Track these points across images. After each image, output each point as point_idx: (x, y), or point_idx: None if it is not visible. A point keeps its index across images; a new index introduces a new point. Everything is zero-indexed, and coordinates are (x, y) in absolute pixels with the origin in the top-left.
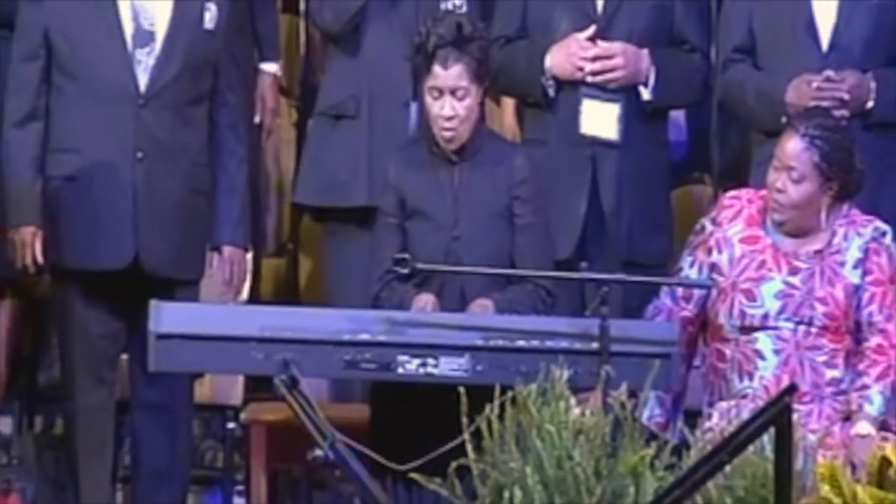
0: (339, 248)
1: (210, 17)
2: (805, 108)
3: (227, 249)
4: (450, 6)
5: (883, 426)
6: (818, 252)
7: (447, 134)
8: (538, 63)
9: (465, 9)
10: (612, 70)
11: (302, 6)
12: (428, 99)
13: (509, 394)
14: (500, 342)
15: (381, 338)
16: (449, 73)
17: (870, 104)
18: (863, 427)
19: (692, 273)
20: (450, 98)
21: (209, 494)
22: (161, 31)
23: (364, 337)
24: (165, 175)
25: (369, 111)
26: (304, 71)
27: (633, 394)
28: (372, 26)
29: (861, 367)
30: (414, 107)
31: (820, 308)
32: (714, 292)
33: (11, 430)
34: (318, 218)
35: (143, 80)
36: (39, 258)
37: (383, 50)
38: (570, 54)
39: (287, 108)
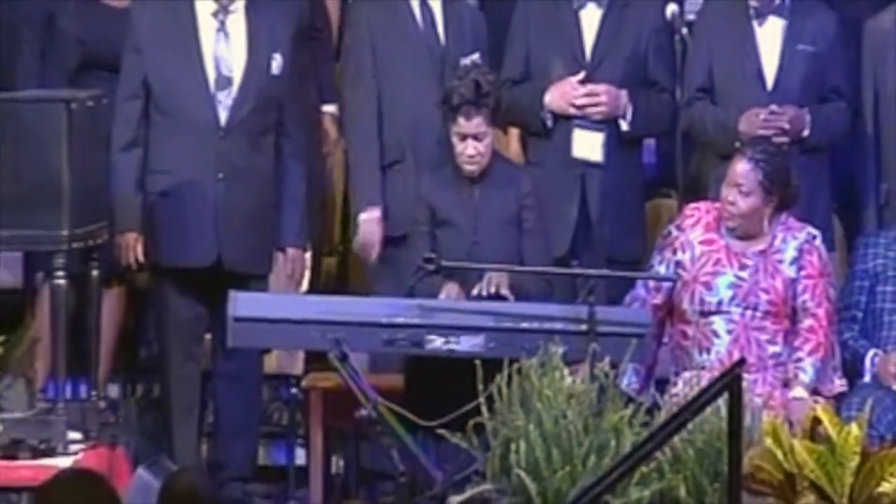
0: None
1: (276, 65)
2: (754, 136)
3: (290, 250)
4: (468, 62)
5: (814, 391)
6: (762, 252)
7: (469, 167)
8: (538, 100)
9: (479, 60)
10: (597, 106)
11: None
12: (454, 139)
13: (515, 366)
14: (509, 324)
15: (414, 321)
16: (470, 123)
17: (805, 133)
18: (798, 392)
19: (661, 269)
20: (472, 141)
21: (276, 447)
22: (237, 77)
23: (400, 320)
24: (241, 191)
25: (413, 154)
26: None
27: (614, 365)
28: (407, 78)
29: (796, 343)
30: None
31: (764, 297)
32: (679, 284)
33: (118, 395)
34: None
35: (223, 116)
36: (140, 257)
37: (418, 99)
38: (564, 93)
39: (339, 138)
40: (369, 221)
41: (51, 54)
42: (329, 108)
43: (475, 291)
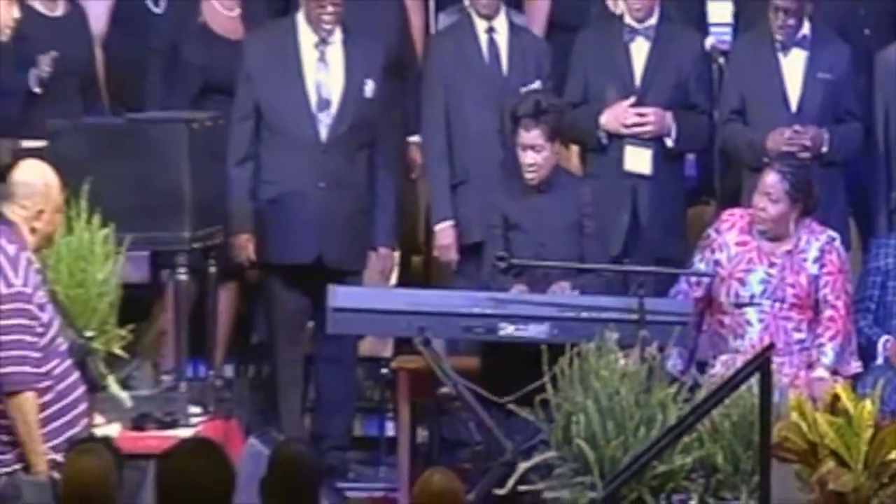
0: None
1: (369, 89)
2: (779, 152)
3: (381, 249)
4: (529, 88)
5: (834, 372)
6: (788, 252)
7: (529, 175)
8: (595, 121)
9: (539, 86)
10: (645, 126)
11: None
12: (518, 150)
13: (576, 350)
14: (570, 314)
15: (488, 311)
16: (529, 135)
17: (824, 149)
18: (820, 373)
19: (701, 266)
20: (531, 151)
21: (368, 420)
22: (336, 99)
23: (476, 310)
24: (338, 199)
25: (478, 175)
26: None
27: (661, 349)
28: (472, 108)
29: (819, 331)
30: None
31: (790, 291)
32: (716, 280)
33: (232, 375)
34: None
35: (323, 134)
36: (252, 256)
37: (482, 126)
38: (617, 115)
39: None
40: (443, 232)
41: (174, 80)
42: (414, 139)
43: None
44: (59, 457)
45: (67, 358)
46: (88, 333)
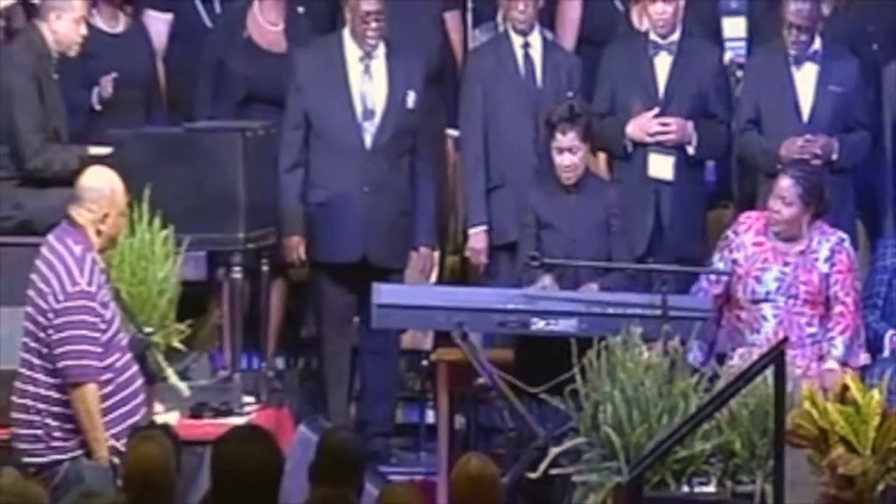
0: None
1: (411, 100)
2: (792, 159)
3: (422, 249)
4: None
5: (844, 364)
6: (801, 252)
7: (566, 175)
8: (621, 130)
9: (572, 95)
10: (668, 135)
11: None
12: (554, 153)
13: (603, 343)
14: (597, 310)
15: (521, 307)
16: (566, 138)
17: (834, 157)
18: (831, 364)
19: (720, 265)
20: (567, 154)
21: (410, 408)
22: (379, 110)
23: (510, 306)
24: (382, 202)
25: (512, 180)
26: None
27: (682, 343)
28: (508, 117)
29: (829, 325)
30: None
31: (803, 288)
32: (734, 278)
33: (283, 366)
34: None
35: (368, 141)
36: (302, 256)
37: (517, 135)
38: (641, 125)
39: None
40: (476, 235)
41: (220, 91)
42: (452, 133)
43: None
44: (119, 444)
45: (128, 352)
46: (149, 329)
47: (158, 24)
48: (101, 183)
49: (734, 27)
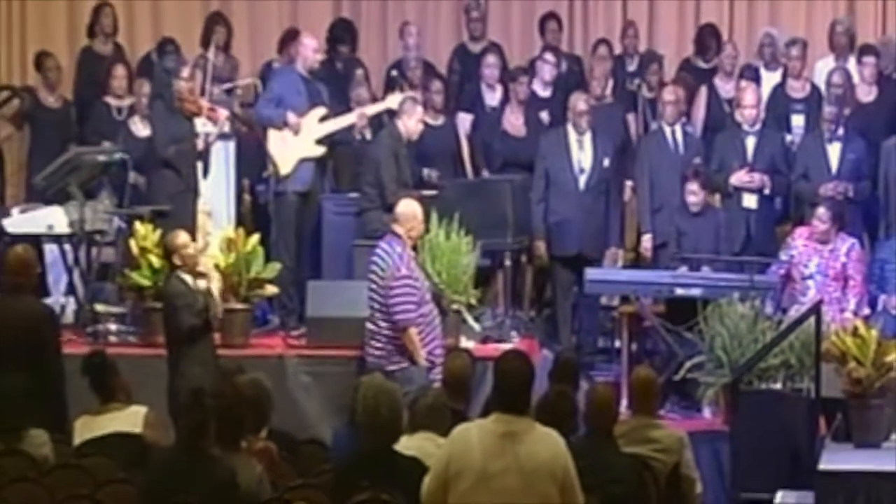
0: None
1: (606, 162)
2: (826, 196)
3: (612, 248)
4: (695, 161)
5: (855, 314)
6: (831, 250)
7: (693, 203)
8: (726, 180)
9: (699, 161)
10: (753, 182)
11: None
12: (687, 195)
13: (717, 302)
14: (713, 283)
15: (669, 281)
16: (693, 185)
17: (850, 195)
18: (848, 315)
19: (783, 257)
20: (691, 196)
21: (605, 338)
22: (587, 167)
23: (664, 280)
24: (589, 220)
25: (666, 206)
26: None
27: (762, 302)
28: (664, 174)
29: (847, 293)
30: None
31: (831, 271)
32: (791, 265)
33: (534, 314)
34: None
35: (581, 185)
36: (543, 252)
37: (669, 182)
38: (738, 177)
39: None
40: (645, 239)
41: (490, 158)
42: (629, 182)
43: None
44: (430, 357)
45: (434, 308)
46: (457, 296)
47: (466, 123)
48: (408, 209)
49: (798, 120)
